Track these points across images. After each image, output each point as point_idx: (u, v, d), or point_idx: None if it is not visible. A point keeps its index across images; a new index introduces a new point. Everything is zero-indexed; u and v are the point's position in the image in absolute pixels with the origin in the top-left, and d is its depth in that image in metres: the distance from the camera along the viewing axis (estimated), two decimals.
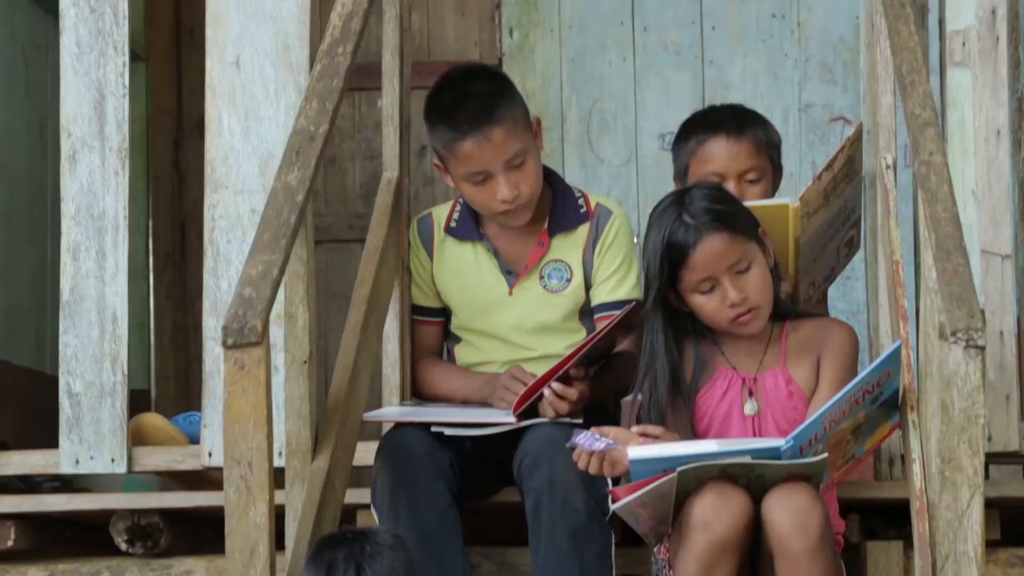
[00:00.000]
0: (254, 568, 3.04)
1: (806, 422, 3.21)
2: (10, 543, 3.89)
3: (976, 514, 3.03)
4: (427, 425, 3.55)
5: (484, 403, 3.63)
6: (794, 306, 3.63)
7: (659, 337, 3.44)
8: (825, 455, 3.20)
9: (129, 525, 3.89)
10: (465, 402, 3.68)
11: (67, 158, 4.08)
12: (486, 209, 3.66)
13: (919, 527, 3.18)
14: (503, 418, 3.51)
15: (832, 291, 4.27)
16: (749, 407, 3.46)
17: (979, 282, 3.74)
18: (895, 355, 3.30)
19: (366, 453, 3.69)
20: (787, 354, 3.48)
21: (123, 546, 3.90)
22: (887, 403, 3.35)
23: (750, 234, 3.42)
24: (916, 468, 3.25)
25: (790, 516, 3.15)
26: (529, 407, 3.49)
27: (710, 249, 3.36)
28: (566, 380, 3.48)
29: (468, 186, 3.65)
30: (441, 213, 3.82)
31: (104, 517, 3.94)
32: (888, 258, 3.59)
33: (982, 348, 3.02)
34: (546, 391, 3.46)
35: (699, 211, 3.38)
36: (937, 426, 3.11)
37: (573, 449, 3.26)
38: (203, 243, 4.05)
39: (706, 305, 3.41)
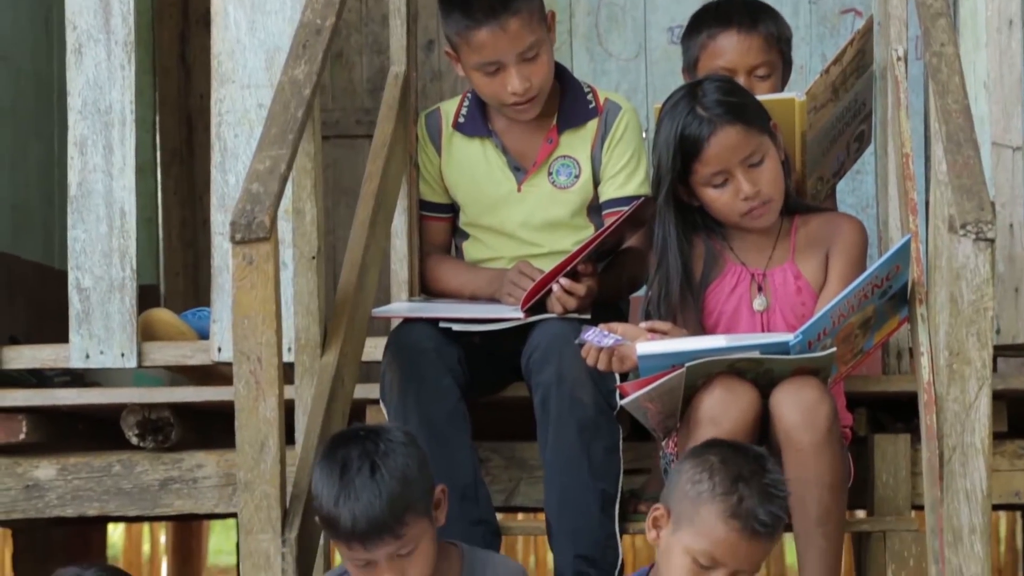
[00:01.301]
0: (264, 462, 3.06)
1: (814, 317, 3.21)
2: (22, 436, 3.92)
3: (984, 406, 3.04)
4: (435, 321, 3.55)
5: (492, 299, 3.63)
6: (803, 201, 3.61)
7: (670, 232, 3.43)
8: (833, 349, 3.21)
9: (140, 419, 3.91)
10: (473, 297, 3.69)
11: (72, 51, 4.06)
12: (496, 101, 3.64)
13: (927, 420, 3.19)
14: (511, 313, 3.51)
15: (841, 185, 4.25)
16: (758, 303, 3.46)
17: (989, 175, 3.72)
18: (904, 249, 3.29)
19: (375, 349, 3.70)
20: (796, 249, 3.48)
21: (134, 440, 3.92)
22: (896, 297, 3.35)
23: (763, 127, 3.40)
24: (924, 361, 3.26)
25: (798, 410, 3.16)
26: (537, 303, 3.50)
27: (724, 142, 3.34)
28: (574, 276, 3.48)
29: (479, 76, 3.62)
30: (449, 108, 3.80)
31: (115, 411, 3.96)
32: (898, 151, 3.58)
33: (991, 241, 3.01)
34: (554, 286, 3.46)
35: (713, 103, 3.35)
36: (945, 319, 3.12)
37: (581, 345, 3.27)
38: (210, 138, 4.04)
39: (718, 199, 3.40)
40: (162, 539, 10.52)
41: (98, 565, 3.12)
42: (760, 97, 3.53)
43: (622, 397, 3.29)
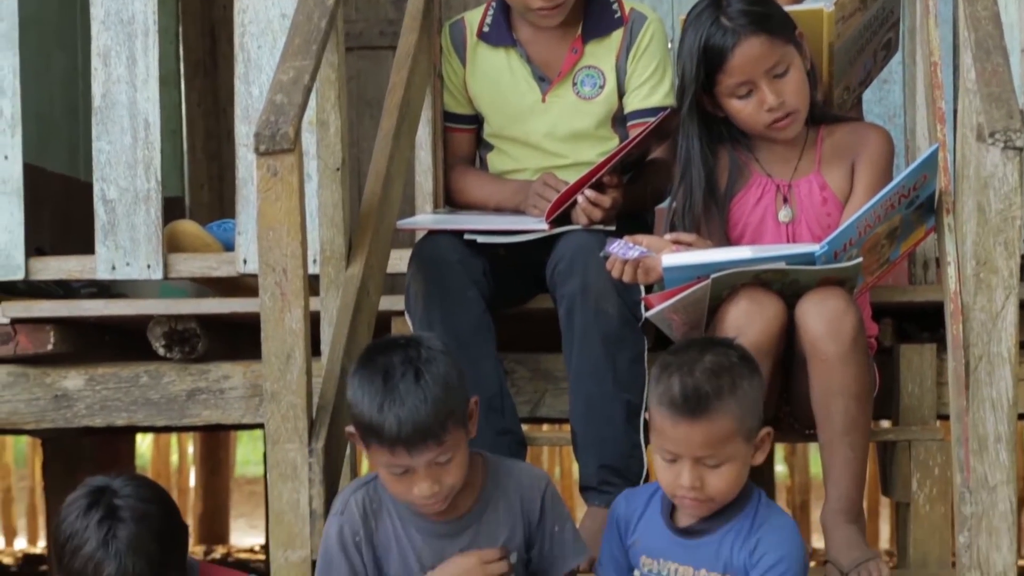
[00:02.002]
0: (290, 373, 3.08)
1: (840, 227, 3.20)
2: (49, 347, 3.94)
3: (1010, 315, 3.04)
4: (460, 233, 3.55)
5: (516, 210, 3.63)
6: (829, 110, 3.59)
7: (694, 143, 3.42)
8: (859, 260, 3.20)
9: (166, 330, 3.93)
10: (498, 209, 3.68)
11: None
12: (521, 4, 3.61)
13: (953, 329, 3.19)
14: (536, 225, 3.50)
15: (868, 95, 4.22)
16: (783, 214, 3.45)
17: (1019, 82, 3.68)
18: (932, 158, 3.28)
19: (400, 261, 3.71)
20: (822, 160, 3.46)
21: (161, 351, 3.94)
22: (923, 207, 3.33)
23: (787, 37, 3.38)
24: (951, 271, 3.25)
25: (823, 320, 3.16)
26: (562, 214, 3.49)
27: (748, 52, 3.32)
28: (599, 187, 3.47)
29: None
30: (473, 18, 3.77)
31: (141, 323, 3.98)
32: (926, 59, 3.55)
33: (1020, 149, 2.99)
34: (579, 198, 3.45)
35: (737, 13, 3.33)
36: (973, 228, 3.10)
37: (606, 258, 3.26)
38: (233, 49, 4.03)
39: (743, 110, 3.38)
40: (190, 449, 10.62)
41: (126, 474, 3.15)
42: (788, 8, 3.50)
43: (647, 309, 3.29)
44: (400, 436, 2.80)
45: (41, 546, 9.65)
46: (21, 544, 10.00)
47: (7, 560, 8.51)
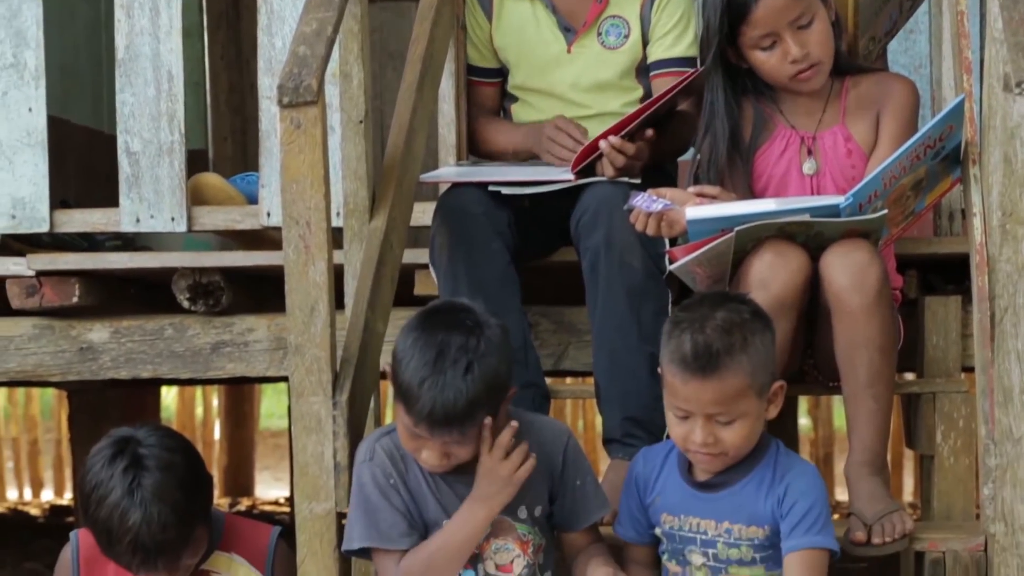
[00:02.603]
0: (314, 325, 3.08)
1: (865, 179, 3.18)
2: (75, 299, 3.95)
3: None
4: (484, 184, 3.54)
5: (532, 154, 3.62)
6: (854, 61, 3.57)
7: (718, 95, 3.40)
8: (884, 211, 3.18)
9: (191, 283, 3.94)
10: (515, 154, 3.67)
11: None
12: None
13: (978, 281, 3.18)
14: (560, 176, 3.49)
15: (893, 45, 4.19)
16: (808, 166, 3.43)
17: None
18: (958, 109, 3.25)
19: (423, 214, 3.70)
20: (847, 111, 3.44)
21: (185, 304, 3.95)
22: (948, 158, 3.31)
23: None
24: (976, 222, 3.23)
25: (848, 272, 3.15)
26: (587, 166, 3.48)
27: (772, 4, 3.30)
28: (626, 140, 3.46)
29: None
30: None
31: (166, 275, 3.99)
32: (953, 9, 3.52)
33: None
34: (603, 144, 3.44)
35: None
36: (999, 179, 3.09)
37: (630, 211, 3.25)
38: (256, 0, 4.01)
39: (767, 62, 3.36)
40: (215, 402, 10.65)
41: (151, 425, 3.16)
42: None
43: (671, 262, 3.28)
44: (428, 417, 2.82)
45: (67, 498, 9.72)
46: (48, 496, 10.07)
47: (34, 511, 8.56)
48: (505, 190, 3.51)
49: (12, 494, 10.19)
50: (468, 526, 2.92)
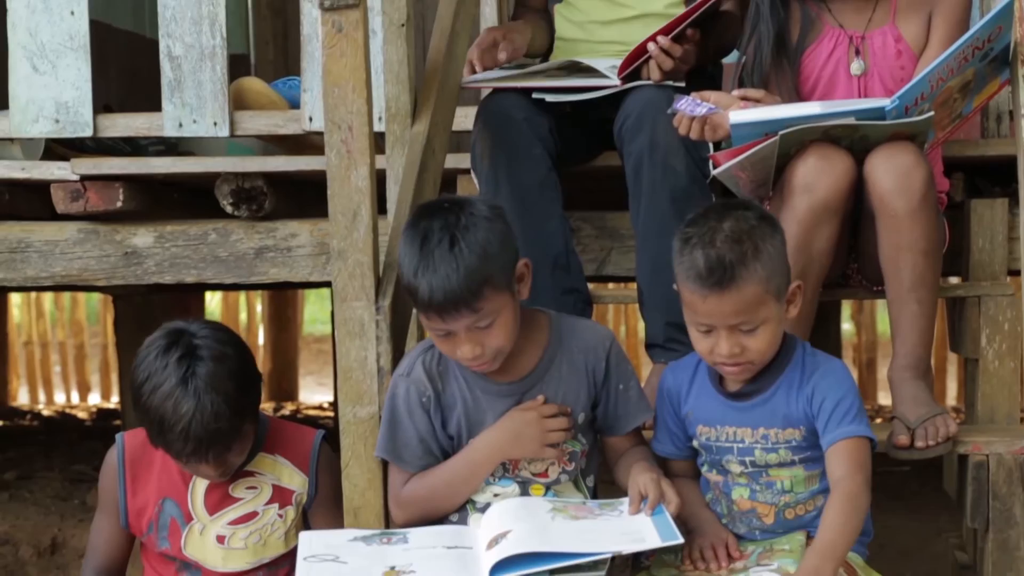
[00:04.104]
0: (357, 231, 3.08)
1: (912, 81, 3.15)
2: (119, 204, 3.96)
3: None
4: (526, 90, 3.52)
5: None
6: None
7: None
8: (931, 114, 3.15)
9: (234, 188, 3.94)
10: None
11: None
12: None
13: None
14: (604, 81, 3.47)
15: None
16: (856, 66, 3.39)
17: None
18: (1007, 9, 3.21)
19: (465, 119, 3.69)
20: (897, 11, 3.40)
21: (228, 209, 3.96)
22: (997, 59, 3.27)
23: None
24: None
25: (893, 175, 3.13)
26: (632, 72, 3.45)
27: None
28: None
29: None
30: None
31: (209, 180, 3.99)
32: None
33: None
34: (651, 46, 3.40)
35: None
36: None
37: (674, 115, 3.23)
38: None
39: None
40: (258, 307, 10.70)
41: (202, 320, 3.18)
42: None
43: (714, 167, 3.26)
44: (431, 302, 2.81)
45: (114, 401, 9.81)
46: (95, 399, 10.16)
47: (81, 415, 8.65)
48: (549, 97, 3.49)
49: (60, 398, 10.30)
50: (472, 465, 2.94)
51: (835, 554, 2.77)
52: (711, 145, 3.32)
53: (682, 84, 3.41)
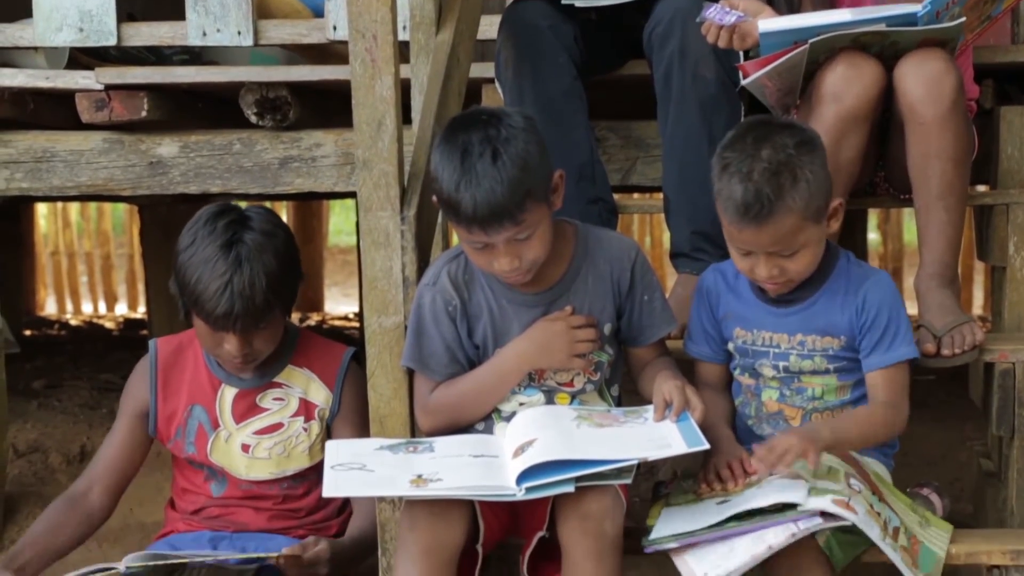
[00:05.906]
0: (381, 140, 3.07)
1: None
2: (144, 113, 3.96)
3: None
4: None
5: None
6: None
7: None
8: (963, 19, 3.12)
9: (258, 98, 3.93)
10: None
11: None
12: None
13: None
14: None
15: None
16: None
17: None
18: None
19: (490, 27, 3.66)
20: None
21: (253, 118, 3.95)
22: None
23: None
24: None
25: (923, 82, 3.10)
26: None
27: None
28: None
29: None
30: None
31: (233, 90, 3.98)
32: None
33: None
34: None
35: None
36: None
37: (703, 24, 3.20)
38: None
39: None
40: (283, 217, 10.73)
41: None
42: None
43: (743, 77, 3.24)
44: (476, 216, 2.79)
45: (141, 311, 9.85)
46: (122, 309, 10.20)
47: (109, 325, 8.68)
48: (579, 2, 3.46)
49: (87, 308, 10.34)
50: (500, 374, 2.95)
51: (840, 438, 2.81)
52: (741, 54, 3.30)
53: None
